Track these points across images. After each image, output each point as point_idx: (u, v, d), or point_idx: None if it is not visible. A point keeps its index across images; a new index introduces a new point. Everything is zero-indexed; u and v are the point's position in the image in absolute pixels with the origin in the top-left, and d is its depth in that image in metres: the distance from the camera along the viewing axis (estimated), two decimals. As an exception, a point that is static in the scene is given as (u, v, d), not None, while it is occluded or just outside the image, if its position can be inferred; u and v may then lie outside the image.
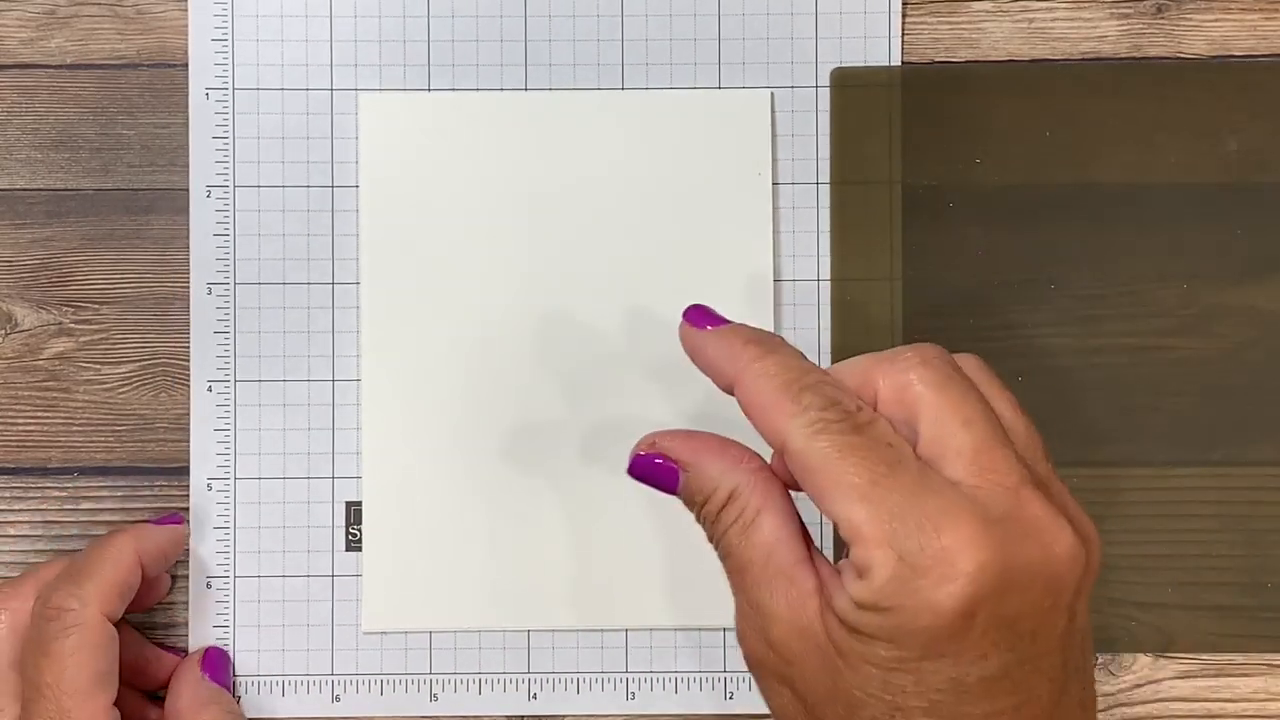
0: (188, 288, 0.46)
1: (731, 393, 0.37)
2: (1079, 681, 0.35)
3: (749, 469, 0.37)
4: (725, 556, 0.36)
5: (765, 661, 0.36)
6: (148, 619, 0.46)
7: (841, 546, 0.36)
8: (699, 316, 0.38)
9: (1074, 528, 0.34)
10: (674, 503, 0.45)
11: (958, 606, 0.32)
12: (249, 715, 0.46)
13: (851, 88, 0.46)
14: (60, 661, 0.40)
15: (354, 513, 0.46)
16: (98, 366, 0.47)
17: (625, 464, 0.38)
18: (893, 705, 0.33)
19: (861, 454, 0.33)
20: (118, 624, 0.42)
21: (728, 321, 0.38)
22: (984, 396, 0.35)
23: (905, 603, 0.32)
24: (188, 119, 0.46)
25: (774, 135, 0.46)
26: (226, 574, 0.46)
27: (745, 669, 0.46)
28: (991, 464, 0.34)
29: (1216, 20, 0.47)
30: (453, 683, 0.46)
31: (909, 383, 0.35)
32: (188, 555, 0.46)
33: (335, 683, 0.46)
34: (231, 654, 0.46)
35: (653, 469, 0.37)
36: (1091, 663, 0.36)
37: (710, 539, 0.37)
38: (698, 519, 0.37)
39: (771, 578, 0.35)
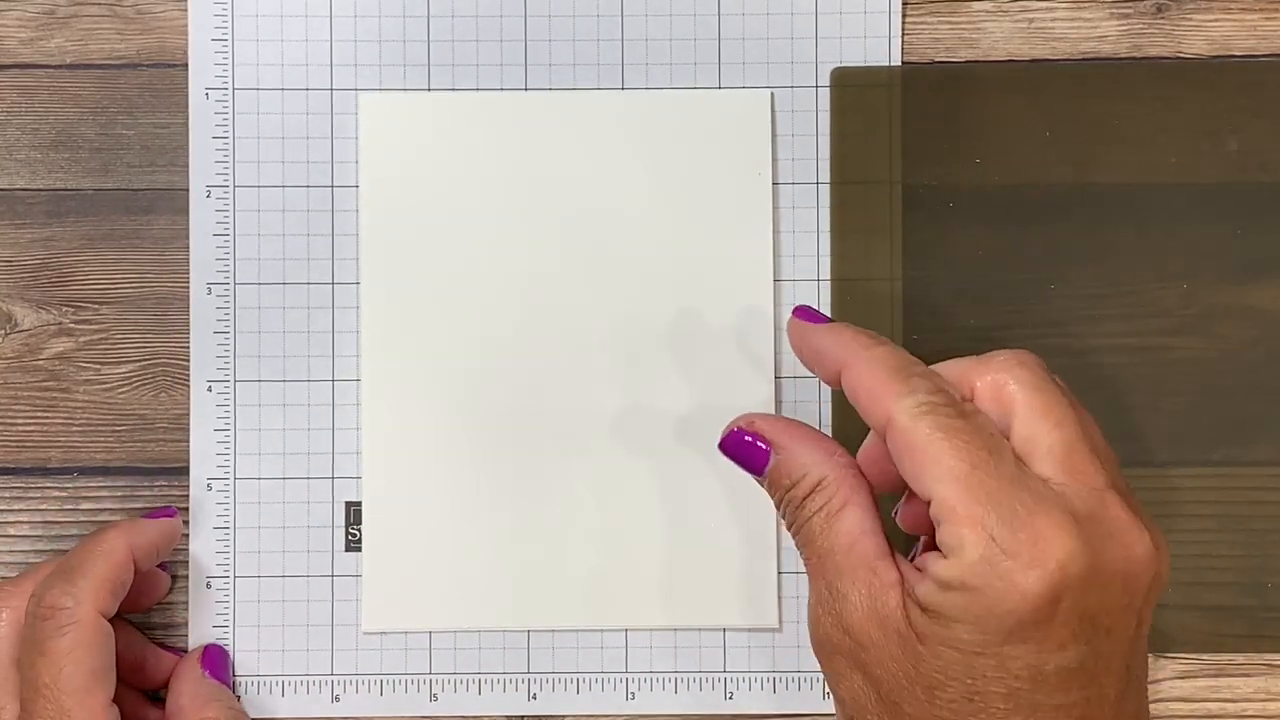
0: (188, 288, 0.46)
1: (835, 383, 0.38)
2: (1137, 689, 0.36)
3: (839, 462, 0.38)
4: (806, 543, 0.37)
5: (839, 646, 0.36)
6: (147, 619, 0.46)
7: (912, 542, 0.38)
8: (807, 314, 0.40)
9: (1150, 535, 0.35)
10: (673, 503, 0.45)
11: (1044, 591, 0.33)
12: (249, 715, 0.46)
13: (851, 88, 0.46)
14: (57, 660, 0.40)
15: (354, 513, 0.46)
16: (98, 366, 0.47)
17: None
18: (971, 690, 0.34)
19: (964, 438, 0.35)
20: (116, 623, 0.42)
21: (823, 316, 0.40)
22: (1074, 402, 0.37)
23: (993, 584, 0.34)
24: (188, 119, 0.46)
25: (774, 135, 0.46)
26: (226, 574, 0.46)
27: (745, 669, 0.46)
28: (1080, 465, 0.35)
29: (1216, 20, 0.47)
30: (453, 683, 0.46)
31: (1004, 382, 0.36)
32: (188, 555, 0.46)
33: (335, 683, 0.46)
34: (231, 654, 0.46)
35: (745, 447, 0.39)
36: (1148, 673, 0.37)
37: (790, 524, 0.38)
38: (779, 503, 0.39)
39: (854, 567, 0.36)
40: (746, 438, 0.39)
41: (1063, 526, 0.34)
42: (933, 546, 0.35)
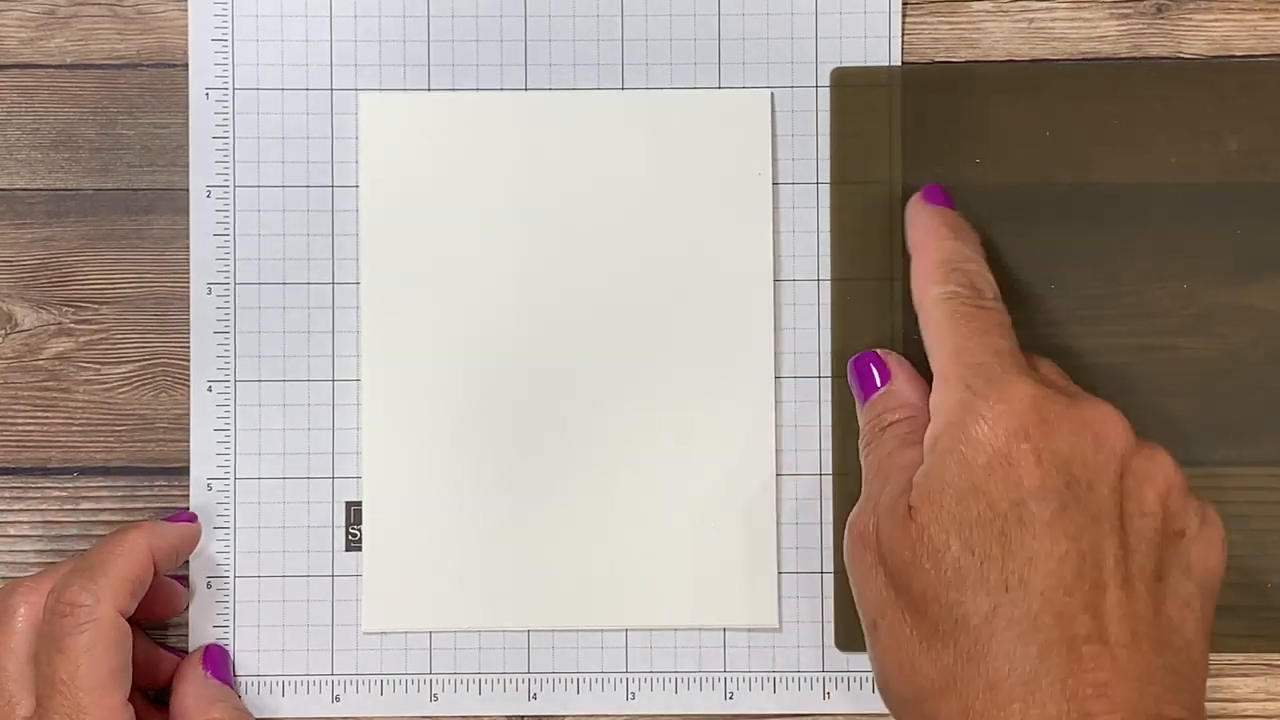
0: (188, 288, 0.46)
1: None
2: (1148, 586, 0.38)
3: (926, 405, 0.42)
4: (876, 454, 0.42)
5: (870, 542, 0.40)
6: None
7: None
8: (932, 193, 0.45)
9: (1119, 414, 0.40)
10: (673, 503, 0.45)
11: (1010, 422, 0.38)
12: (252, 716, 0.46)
13: (851, 88, 0.46)
14: (75, 658, 0.40)
15: (354, 513, 0.46)
16: (98, 366, 0.47)
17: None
18: (968, 542, 0.37)
19: (971, 323, 0.41)
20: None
21: (952, 206, 0.45)
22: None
23: (965, 419, 0.39)
24: (188, 119, 0.46)
25: (774, 135, 0.46)
26: (226, 574, 0.46)
27: (745, 669, 0.46)
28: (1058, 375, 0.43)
29: (1216, 20, 0.47)
30: (453, 683, 0.46)
31: None
32: (187, 556, 0.46)
33: (335, 683, 0.46)
34: (232, 654, 0.46)
35: (867, 369, 0.44)
36: (1185, 600, 0.38)
37: (867, 441, 0.43)
38: (866, 426, 0.43)
39: (903, 479, 0.40)
40: (870, 363, 0.44)
41: (1031, 381, 0.39)
42: None
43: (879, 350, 0.44)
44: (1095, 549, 0.37)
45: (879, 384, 0.44)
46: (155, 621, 0.45)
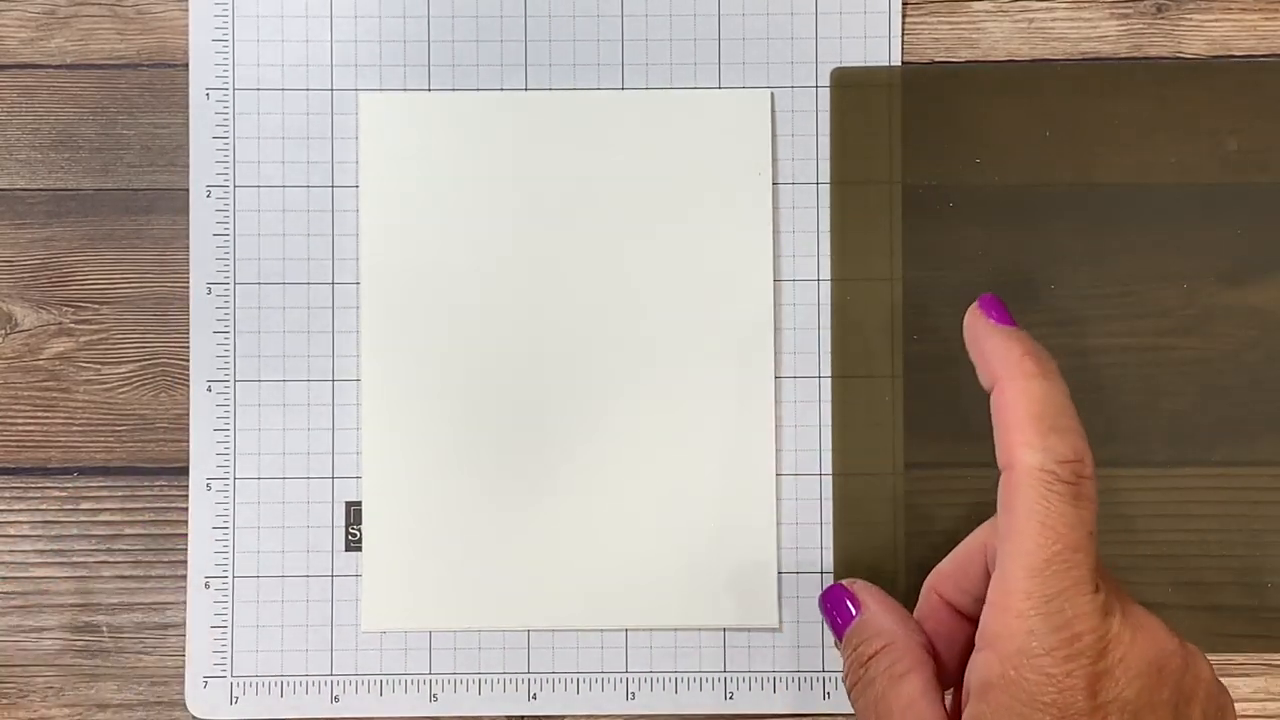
0: (188, 288, 0.46)
1: (989, 389, 0.38)
2: None
3: (911, 629, 0.40)
4: (865, 698, 0.39)
5: None
6: (145, 619, 0.46)
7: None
8: (992, 307, 0.39)
9: (1174, 633, 0.37)
10: (674, 503, 0.45)
11: (1081, 684, 0.35)
12: (248, 715, 0.46)
13: (851, 88, 0.46)
14: None
15: (354, 513, 0.46)
16: (98, 366, 0.47)
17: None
18: None
19: (1060, 529, 0.35)
20: None
21: (1015, 324, 0.39)
22: None
23: (1029, 676, 0.35)
24: (188, 119, 0.46)
25: (774, 135, 0.46)
26: (225, 574, 0.46)
27: (745, 669, 0.46)
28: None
29: (1216, 20, 0.47)
30: (453, 683, 0.46)
31: None
32: (187, 555, 0.46)
33: (335, 683, 0.46)
34: (230, 654, 0.46)
35: (840, 604, 0.42)
36: None
37: (852, 681, 0.40)
38: (847, 661, 0.41)
39: None
40: (847, 598, 0.42)
41: (1099, 614, 0.35)
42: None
43: (845, 581, 0.43)
44: None
45: (852, 613, 0.42)
46: None
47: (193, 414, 0.46)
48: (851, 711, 0.46)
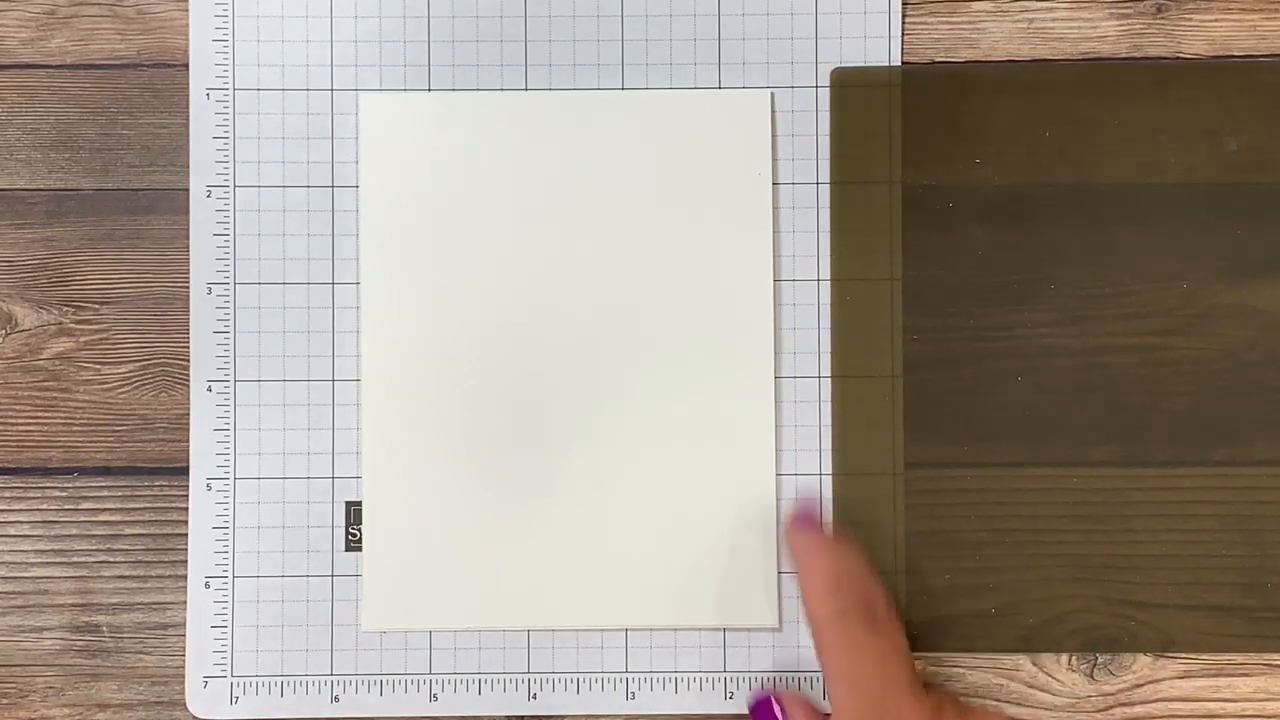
0: (188, 288, 0.46)
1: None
2: None
3: None
4: None
5: None
6: (145, 619, 0.46)
7: None
8: (803, 514, 0.45)
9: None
10: (674, 503, 0.45)
11: None
12: (248, 715, 0.46)
13: (851, 88, 0.46)
14: None
15: (354, 513, 0.46)
16: (98, 366, 0.47)
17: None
18: None
19: (863, 651, 0.42)
20: None
21: (814, 522, 0.45)
22: None
23: None
24: (188, 119, 0.47)
25: (774, 135, 0.46)
26: (225, 574, 0.46)
27: (745, 669, 0.46)
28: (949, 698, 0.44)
29: (1216, 20, 0.47)
30: (453, 683, 0.46)
31: None
32: (187, 555, 0.46)
33: (335, 683, 0.46)
34: (230, 654, 0.46)
35: (769, 713, 0.44)
36: None
37: None
38: None
39: None
40: (772, 707, 0.44)
41: (926, 711, 0.41)
42: None
43: (774, 692, 0.44)
44: None
45: None
46: None
47: (193, 414, 0.46)
48: (851, 711, 0.46)
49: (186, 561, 0.46)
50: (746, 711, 0.46)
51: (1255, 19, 0.47)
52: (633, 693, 0.46)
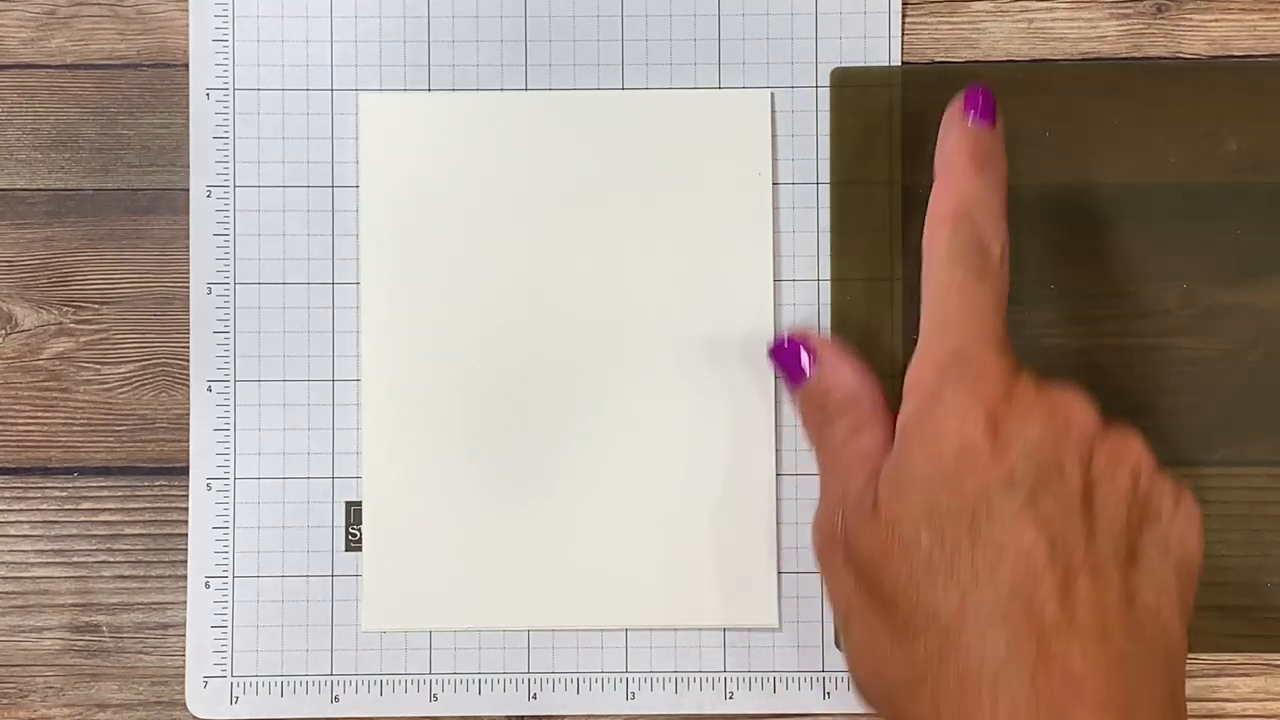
0: (188, 288, 0.46)
1: None
2: (1121, 571, 0.37)
3: (872, 386, 0.42)
4: (827, 450, 0.41)
5: (837, 541, 0.40)
6: (145, 619, 0.46)
7: None
8: (974, 101, 0.42)
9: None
10: (674, 503, 0.45)
11: (982, 415, 0.37)
12: (248, 715, 0.46)
13: (851, 88, 0.46)
14: None
15: (354, 513, 0.46)
16: (98, 366, 0.47)
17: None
18: (938, 534, 0.37)
19: (964, 297, 0.39)
20: None
21: (994, 121, 0.42)
22: None
23: (938, 411, 0.38)
24: (188, 119, 0.46)
25: (774, 135, 0.46)
26: (225, 574, 0.46)
27: (745, 669, 0.46)
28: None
29: (1216, 20, 0.47)
30: (453, 683, 0.46)
31: None
32: (186, 555, 0.46)
33: (334, 683, 0.46)
34: (230, 654, 0.46)
35: (793, 355, 0.43)
36: (1162, 584, 0.38)
37: (813, 433, 0.42)
38: (809, 413, 0.42)
39: (863, 471, 0.40)
40: (792, 348, 0.43)
41: (1004, 368, 0.38)
42: None
43: (798, 332, 0.44)
44: (1065, 537, 0.37)
45: (807, 369, 0.43)
46: None
47: (193, 414, 0.46)
48: (854, 711, 0.46)
49: (186, 561, 0.46)
50: (728, 712, 0.46)
51: (1255, 19, 0.47)
52: (633, 693, 0.46)
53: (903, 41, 0.46)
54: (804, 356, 0.43)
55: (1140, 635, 0.37)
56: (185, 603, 0.46)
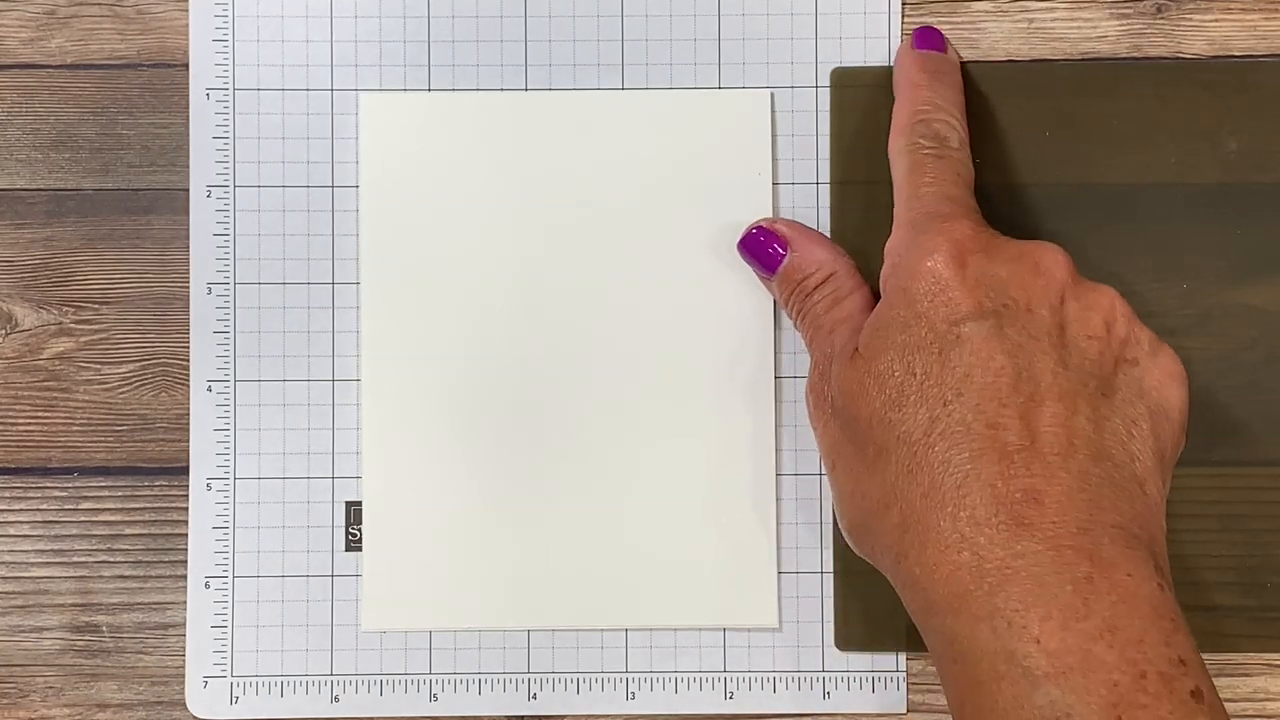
0: (188, 288, 0.46)
1: None
2: (1090, 402, 0.38)
3: (846, 260, 0.44)
4: (810, 322, 0.43)
5: (824, 396, 0.42)
6: (145, 619, 0.46)
7: None
8: (924, 37, 0.45)
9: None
10: (674, 503, 0.45)
11: (950, 250, 0.39)
12: (248, 715, 0.46)
13: (851, 88, 0.46)
14: None
15: (354, 513, 0.46)
16: (98, 366, 0.47)
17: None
18: (910, 366, 0.38)
19: (926, 173, 0.42)
20: None
21: (944, 50, 0.45)
22: None
23: (911, 254, 0.40)
24: (188, 119, 0.46)
25: (774, 135, 0.46)
26: (225, 574, 0.46)
27: (745, 669, 0.46)
28: None
29: (1216, 20, 0.47)
30: (453, 683, 0.46)
31: None
32: (186, 555, 0.46)
33: (335, 683, 0.46)
34: (230, 654, 0.46)
35: (763, 246, 0.44)
36: (1133, 419, 0.39)
37: (796, 312, 0.44)
38: (788, 296, 0.44)
39: (845, 332, 0.42)
40: (763, 237, 0.44)
41: (974, 219, 0.41)
42: None
43: (763, 222, 0.45)
44: (1031, 365, 0.38)
45: (781, 253, 0.44)
46: None
47: (193, 414, 0.46)
48: (852, 711, 0.46)
49: (186, 561, 0.46)
50: (728, 712, 0.46)
51: (1255, 19, 0.47)
52: (633, 693, 0.46)
53: (903, 42, 0.46)
54: (776, 242, 0.44)
55: (1107, 460, 0.38)
56: (185, 603, 0.46)
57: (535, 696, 0.46)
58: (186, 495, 0.46)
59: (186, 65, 0.47)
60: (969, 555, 0.36)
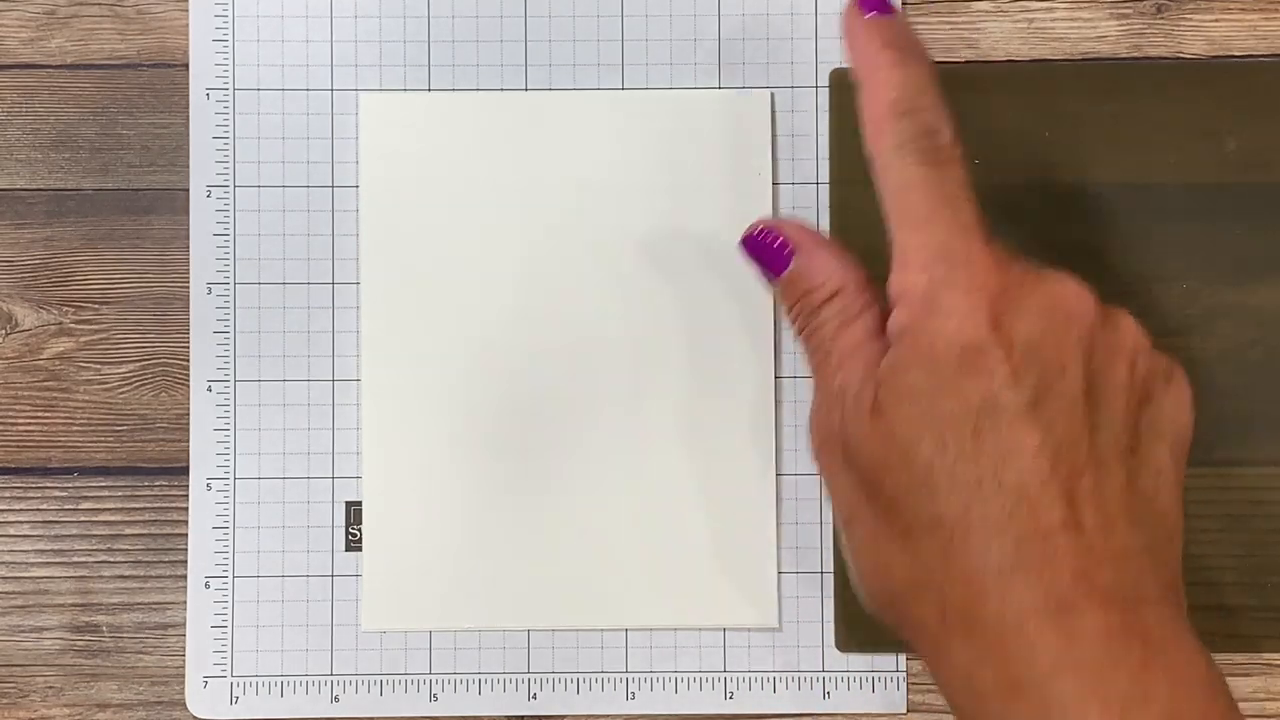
0: (188, 288, 0.46)
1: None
2: (1121, 462, 0.36)
3: (857, 273, 0.39)
4: (815, 346, 0.39)
5: (834, 441, 0.38)
6: (145, 619, 0.46)
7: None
8: (868, 1, 0.39)
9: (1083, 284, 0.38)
10: (674, 502, 0.45)
11: (983, 316, 0.36)
12: (248, 715, 0.46)
13: (851, 88, 0.46)
14: None
15: (354, 513, 0.46)
16: (98, 366, 0.47)
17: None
18: (940, 439, 0.35)
19: (928, 191, 0.37)
20: None
21: (892, 13, 0.39)
22: None
23: (935, 317, 0.36)
24: (188, 119, 0.47)
25: (774, 135, 0.46)
26: (225, 574, 0.46)
27: (745, 669, 0.46)
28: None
29: (1216, 20, 0.47)
30: (453, 683, 0.46)
31: None
32: (187, 555, 0.46)
33: (334, 683, 0.46)
34: (230, 654, 0.46)
35: (767, 249, 0.40)
36: (1158, 469, 0.37)
37: (800, 328, 0.40)
38: (792, 307, 0.40)
39: (857, 365, 0.38)
40: (772, 240, 0.40)
41: (995, 262, 0.36)
42: None
43: (763, 224, 0.41)
44: (1069, 436, 0.36)
45: (785, 256, 0.40)
46: None
47: (193, 414, 0.46)
48: (852, 711, 0.46)
49: (186, 561, 0.46)
50: (728, 712, 0.46)
51: (1255, 19, 0.47)
52: (633, 693, 0.46)
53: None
54: (781, 244, 0.40)
55: (1143, 524, 0.36)
56: (185, 603, 0.46)
57: (535, 696, 0.46)
58: (186, 495, 0.46)
59: (186, 65, 0.47)
60: (1020, 646, 0.34)
